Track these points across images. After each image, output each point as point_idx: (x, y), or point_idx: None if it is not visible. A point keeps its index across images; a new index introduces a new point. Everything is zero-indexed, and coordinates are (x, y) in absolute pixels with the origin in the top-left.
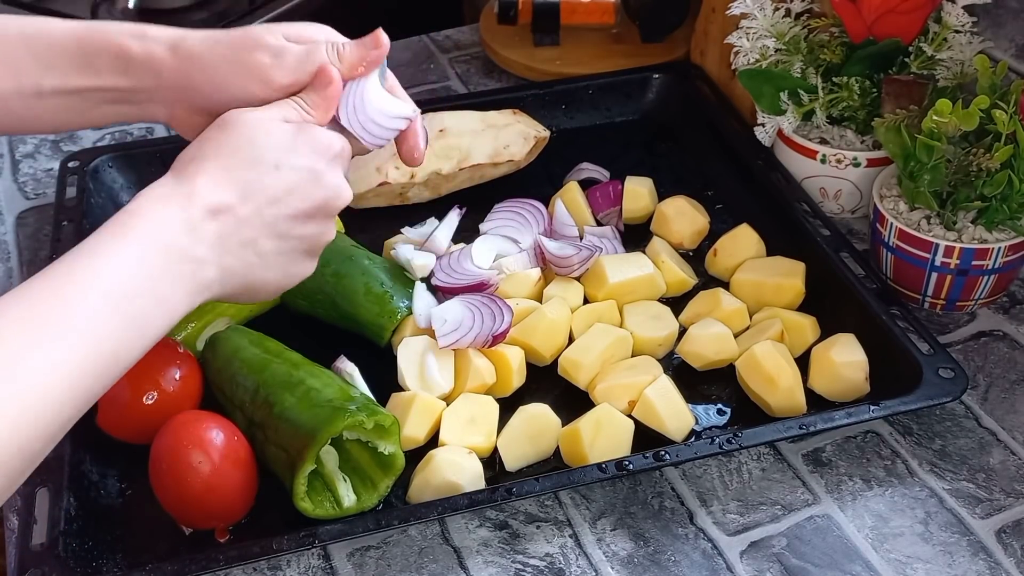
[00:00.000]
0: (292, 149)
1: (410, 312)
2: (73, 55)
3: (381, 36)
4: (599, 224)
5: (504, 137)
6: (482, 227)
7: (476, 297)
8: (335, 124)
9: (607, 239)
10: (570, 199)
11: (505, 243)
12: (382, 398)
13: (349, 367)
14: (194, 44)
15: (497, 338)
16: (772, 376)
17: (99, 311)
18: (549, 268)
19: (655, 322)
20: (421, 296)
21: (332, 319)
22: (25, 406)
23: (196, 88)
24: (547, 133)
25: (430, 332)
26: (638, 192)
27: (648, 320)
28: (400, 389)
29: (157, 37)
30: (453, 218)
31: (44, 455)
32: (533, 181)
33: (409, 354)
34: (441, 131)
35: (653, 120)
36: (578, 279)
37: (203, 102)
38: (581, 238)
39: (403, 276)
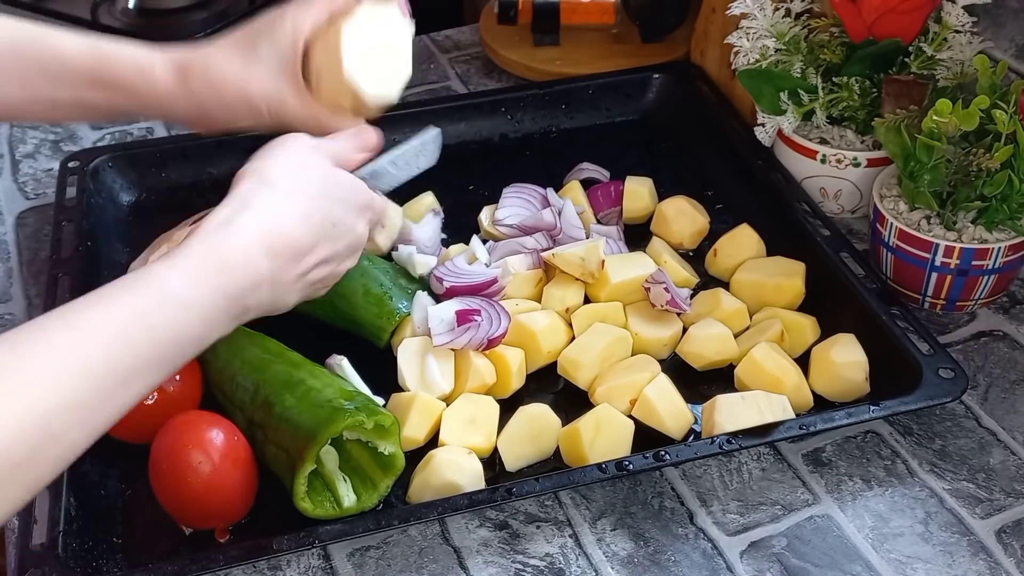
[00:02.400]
0: (350, 205)
1: (409, 313)
2: (85, 77)
3: None
4: (599, 223)
5: None
6: (498, 214)
7: (475, 300)
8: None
9: (612, 239)
10: (572, 199)
11: (512, 244)
12: (383, 403)
13: (337, 359)
14: (201, 73)
15: (493, 342)
16: (777, 377)
17: (141, 353)
18: (550, 268)
19: (658, 322)
20: (421, 305)
21: (331, 320)
22: (36, 441)
23: (207, 114)
24: None
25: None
26: (638, 192)
27: (651, 320)
28: (400, 390)
29: (159, 76)
30: (433, 223)
31: (50, 482)
32: (533, 181)
33: (409, 355)
34: None
35: (653, 120)
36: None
37: (205, 122)
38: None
39: (403, 277)
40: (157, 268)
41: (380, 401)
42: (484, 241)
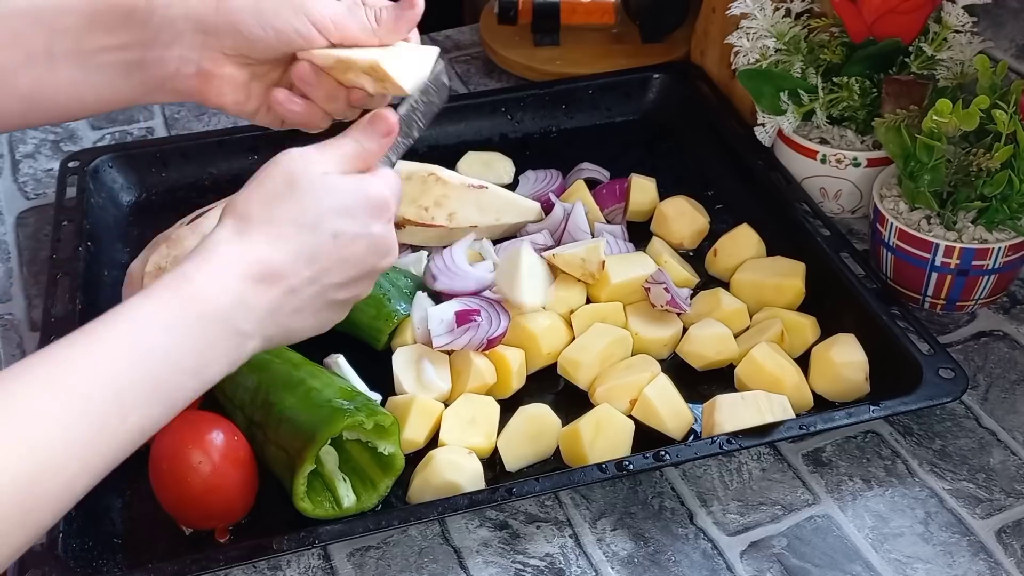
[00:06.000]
0: (351, 214)
1: (408, 315)
2: (84, 14)
3: None
4: (605, 222)
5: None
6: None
7: (475, 300)
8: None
9: (616, 238)
10: (580, 199)
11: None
12: (380, 400)
13: (334, 357)
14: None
15: (492, 342)
16: (777, 377)
17: (133, 383)
18: (552, 268)
19: (659, 322)
20: (420, 306)
21: None
22: (31, 478)
23: (235, 24)
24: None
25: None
26: (645, 185)
27: (651, 320)
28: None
29: None
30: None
31: (51, 525)
32: None
33: (404, 362)
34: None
35: (653, 120)
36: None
37: (240, 43)
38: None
39: (402, 279)
40: (130, 300)
41: (377, 397)
42: (495, 242)
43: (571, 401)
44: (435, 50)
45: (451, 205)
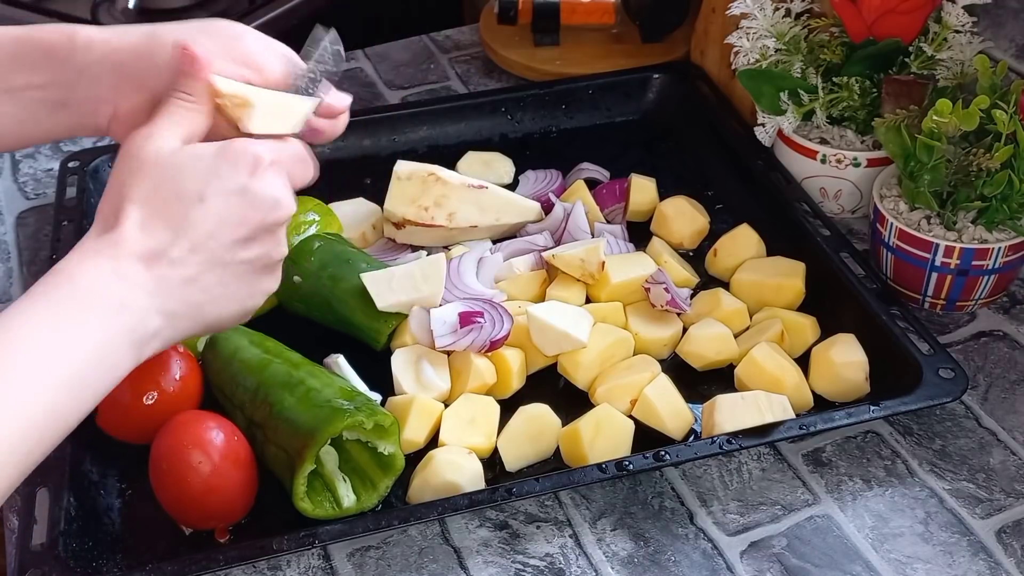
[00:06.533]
0: (214, 174)
1: (406, 316)
2: (8, 51)
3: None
4: (605, 222)
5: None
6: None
7: (478, 303)
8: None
9: (617, 238)
10: (576, 199)
11: (521, 243)
12: (380, 400)
13: (333, 356)
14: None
15: (495, 344)
16: (777, 377)
17: (34, 380)
18: (552, 269)
19: (659, 322)
20: (416, 316)
21: (328, 322)
22: None
23: (159, 67)
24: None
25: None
26: (645, 185)
27: (652, 320)
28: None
29: (91, 31)
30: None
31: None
32: None
33: (403, 362)
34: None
35: (653, 120)
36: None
37: (159, 83)
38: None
39: None
40: (12, 306)
41: (377, 397)
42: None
43: (571, 401)
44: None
45: (451, 205)
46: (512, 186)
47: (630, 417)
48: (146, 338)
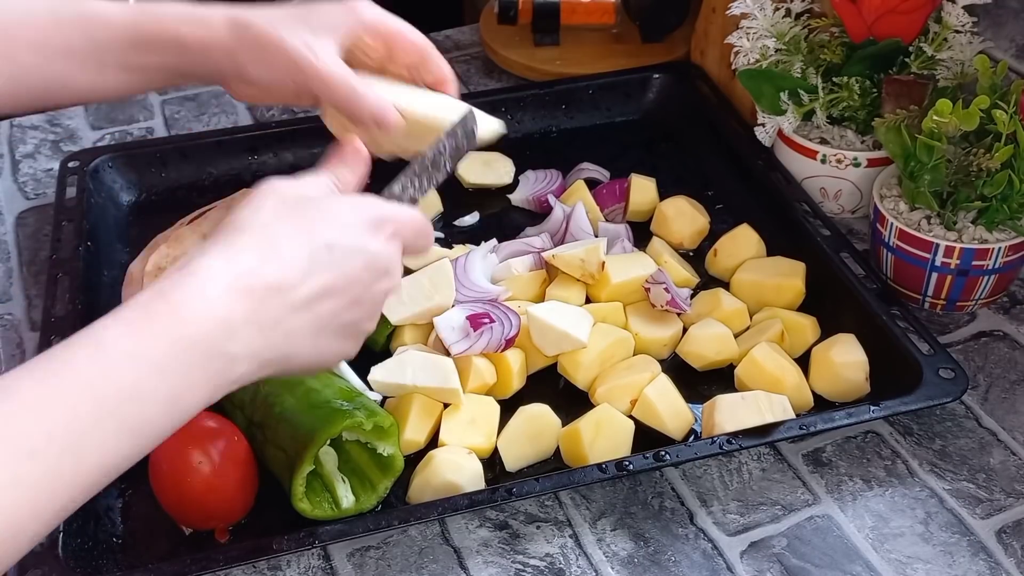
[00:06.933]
0: (346, 226)
1: None
2: (130, 39)
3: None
4: (606, 222)
5: None
6: (513, 197)
7: (479, 305)
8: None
9: (620, 238)
10: (577, 199)
11: (519, 244)
12: (380, 400)
13: None
14: (258, 30)
15: (509, 342)
16: (778, 377)
17: (90, 420)
18: (552, 269)
19: (659, 322)
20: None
21: None
22: None
23: (251, 72)
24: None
25: (424, 339)
26: (645, 185)
27: (652, 321)
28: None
29: (213, 23)
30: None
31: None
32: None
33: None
34: None
35: (653, 120)
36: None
37: (261, 85)
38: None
39: None
40: (99, 321)
41: (377, 398)
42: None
43: (571, 401)
44: (466, 106)
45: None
46: (512, 186)
47: (630, 417)
48: (227, 384)
